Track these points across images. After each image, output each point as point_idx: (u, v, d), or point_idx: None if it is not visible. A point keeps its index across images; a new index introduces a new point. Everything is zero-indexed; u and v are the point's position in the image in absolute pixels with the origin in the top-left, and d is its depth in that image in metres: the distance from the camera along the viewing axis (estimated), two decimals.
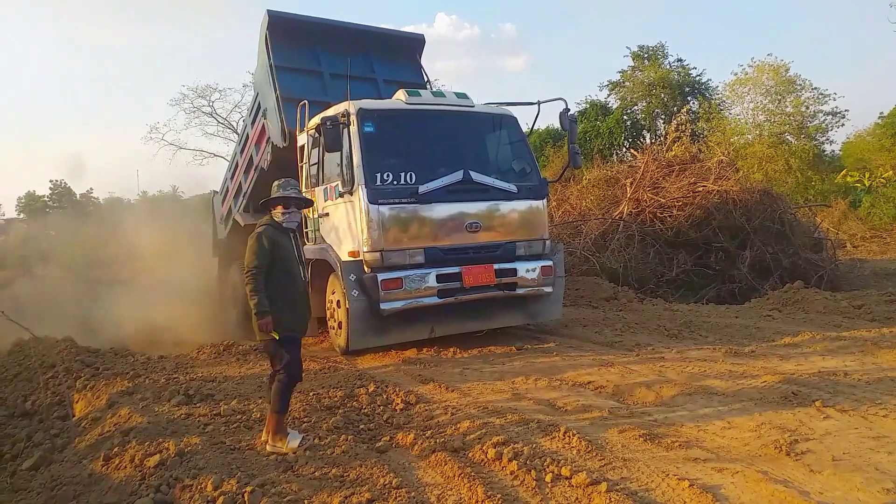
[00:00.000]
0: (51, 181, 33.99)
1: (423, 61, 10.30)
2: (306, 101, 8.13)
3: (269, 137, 9.06)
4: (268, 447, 4.20)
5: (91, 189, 34.11)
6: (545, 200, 8.13)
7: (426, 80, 10.14)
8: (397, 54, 9.98)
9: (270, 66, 8.83)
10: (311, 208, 8.12)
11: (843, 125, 26.89)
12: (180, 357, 7.80)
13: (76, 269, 13.32)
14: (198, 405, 5.26)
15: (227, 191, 11.55)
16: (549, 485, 3.48)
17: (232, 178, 11.33)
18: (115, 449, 4.18)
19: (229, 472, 3.73)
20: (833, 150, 29.46)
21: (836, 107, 26.19)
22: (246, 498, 3.37)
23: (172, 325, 9.98)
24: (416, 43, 10.19)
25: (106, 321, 10.09)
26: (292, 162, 8.61)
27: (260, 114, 9.58)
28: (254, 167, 9.93)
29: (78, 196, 33.41)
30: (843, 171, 26.22)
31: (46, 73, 76.15)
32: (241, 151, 10.81)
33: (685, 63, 32.38)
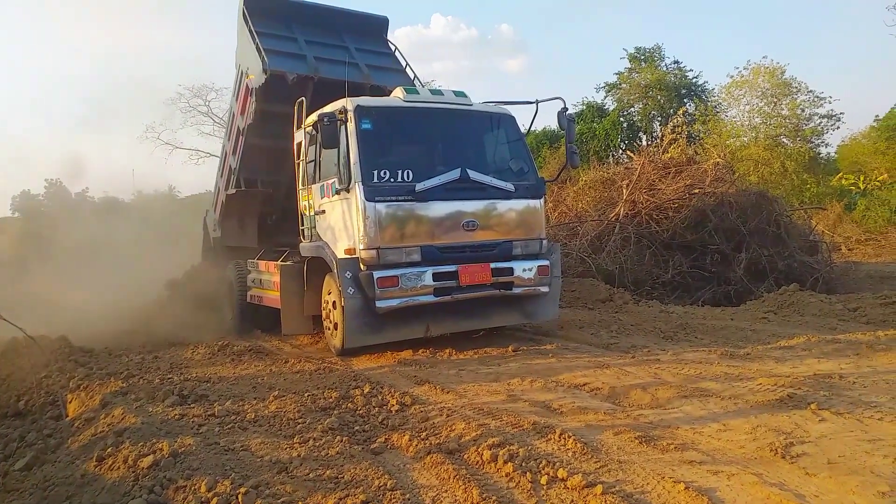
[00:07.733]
0: (46, 180, 33.69)
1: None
2: (304, 98, 8.11)
3: (252, 89, 9.35)
4: None
5: (87, 188, 33.85)
6: (542, 200, 8.13)
7: (394, 49, 10.72)
8: (364, 31, 10.69)
9: (250, 30, 9.34)
10: (307, 206, 8.11)
11: (838, 128, 26.94)
12: (174, 357, 7.76)
13: (71, 267, 13.26)
14: (192, 406, 5.23)
15: (219, 191, 11.49)
16: (545, 487, 3.47)
17: (222, 174, 11.39)
18: (109, 449, 4.15)
19: (223, 473, 3.71)
20: (828, 153, 29.50)
21: (832, 109, 26.30)
22: (240, 499, 3.35)
23: (167, 326, 9.93)
24: (381, 23, 10.94)
25: (99, 320, 10.02)
26: (277, 117, 8.89)
27: (242, 75, 10.05)
28: (241, 134, 10.17)
29: (73, 195, 33.14)
30: (839, 174, 26.23)
31: (40, 71, 75.47)
32: (229, 135, 11.10)
33: (682, 65, 32.50)
